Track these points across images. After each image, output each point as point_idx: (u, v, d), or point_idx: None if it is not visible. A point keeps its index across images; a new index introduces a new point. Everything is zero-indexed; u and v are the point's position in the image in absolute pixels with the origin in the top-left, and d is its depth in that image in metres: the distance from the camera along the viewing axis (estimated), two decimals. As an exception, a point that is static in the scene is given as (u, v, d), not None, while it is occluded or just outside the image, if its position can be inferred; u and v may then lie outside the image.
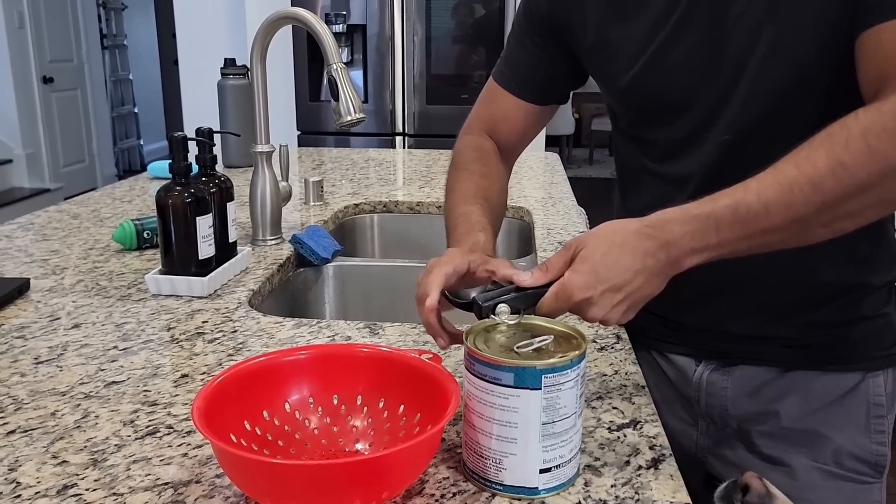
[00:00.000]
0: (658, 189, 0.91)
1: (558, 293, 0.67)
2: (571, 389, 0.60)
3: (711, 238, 0.68)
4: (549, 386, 0.59)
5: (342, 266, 1.37)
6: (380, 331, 0.96)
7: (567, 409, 0.61)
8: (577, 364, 0.61)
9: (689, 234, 0.67)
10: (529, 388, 0.59)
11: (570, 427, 0.61)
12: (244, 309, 1.04)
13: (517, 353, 0.61)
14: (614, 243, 0.67)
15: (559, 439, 0.61)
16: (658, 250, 0.67)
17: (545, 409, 0.60)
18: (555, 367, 0.59)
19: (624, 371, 0.86)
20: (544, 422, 0.60)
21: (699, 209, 0.68)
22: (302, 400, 0.70)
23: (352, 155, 2.36)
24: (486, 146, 1.00)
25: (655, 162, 0.91)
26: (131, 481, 0.64)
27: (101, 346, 0.91)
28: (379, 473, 0.56)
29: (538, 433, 0.60)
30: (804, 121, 0.76)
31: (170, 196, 1.06)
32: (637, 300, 0.68)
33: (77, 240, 1.37)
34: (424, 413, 0.67)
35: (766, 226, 0.67)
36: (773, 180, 0.67)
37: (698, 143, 0.85)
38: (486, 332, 0.65)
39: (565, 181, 1.97)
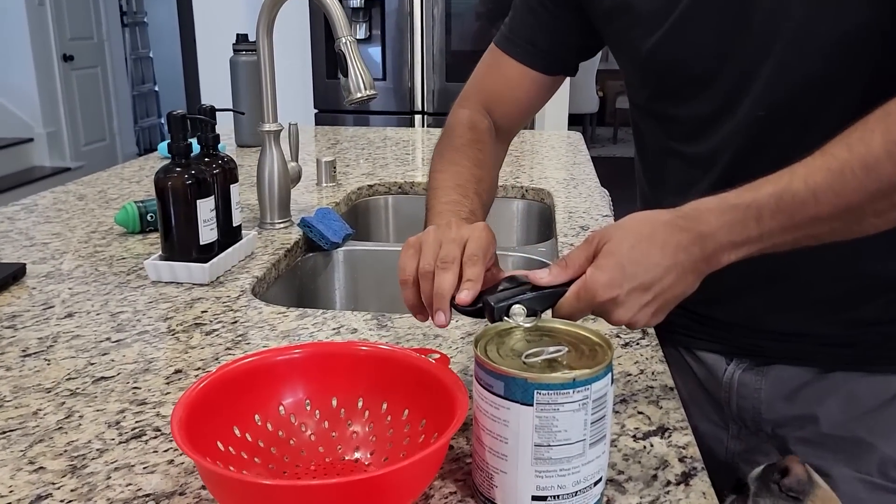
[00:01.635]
0: (682, 171, 0.83)
1: (580, 292, 0.60)
2: (575, 413, 0.52)
3: (752, 230, 0.61)
4: (544, 404, 0.51)
5: (353, 251, 1.31)
6: (388, 323, 0.90)
7: (568, 435, 0.52)
8: (585, 385, 0.51)
9: (726, 225, 0.60)
10: (520, 403, 0.52)
11: (572, 455, 0.53)
12: (246, 297, 0.99)
13: (524, 363, 0.54)
14: (642, 236, 0.60)
15: (557, 467, 0.53)
16: (692, 244, 0.60)
17: (538, 430, 0.52)
18: (550, 383, 0.51)
19: (650, 370, 0.79)
20: (537, 443, 0.52)
21: (738, 198, 0.61)
22: (298, 403, 0.64)
23: (368, 134, 2.29)
24: (483, 126, 0.91)
25: (679, 141, 0.83)
26: (110, 492, 0.59)
27: (93, 338, 0.86)
28: (378, 493, 0.51)
29: (530, 455, 0.53)
30: (848, 96, 0.68)
31: (169, 178, 1.01)
32: (668, 300, 0.61)
33: (80, 222, 1.33)
34: (430, 420, 0.61)
35: (813, 215, 0.60)
36: (823, 164, 0.60)
37: (727, 119, 0.77)
38: (500, 336, 0.58)
39: (588, 161, 1.89)
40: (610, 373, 0.53)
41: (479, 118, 0.92)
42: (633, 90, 0.89)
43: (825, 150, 0.61)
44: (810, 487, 0.65)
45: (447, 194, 0.79)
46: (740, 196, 0.61)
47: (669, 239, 0.60)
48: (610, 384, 0.53)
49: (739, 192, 0.61)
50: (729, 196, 0.61)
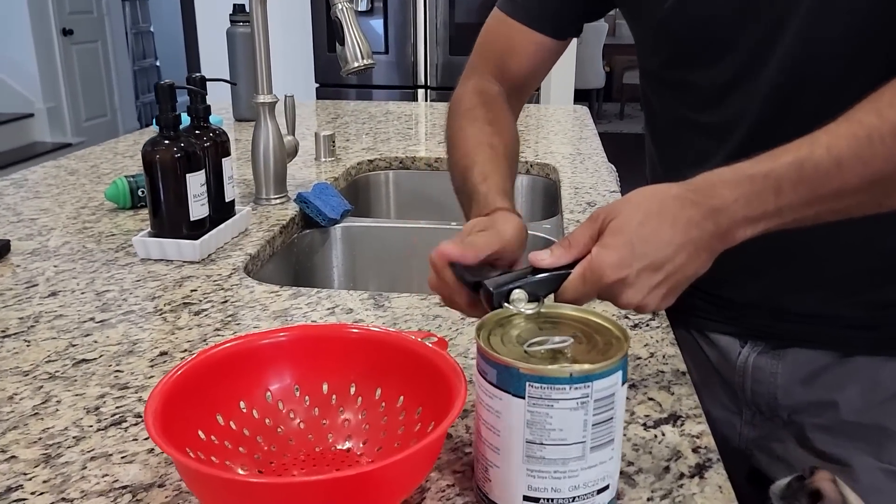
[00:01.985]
0: (696, 142, 0.79)
1: (585, 274, 0.55)
2: (573, 412, 0.47)
3: (770, 203, 0.56)
4: (536, 398, 0.47)
5: (351, 227, 1.26)
6: (385, 303, 0.86)
7: (563, 435, 0.47)
8: (585, 381, 0.46)
9: (742, 198, 0.55)
10: (511, 393, 0.47)
11: (569, 458, 0.48)
12: (238, 276, 0.94)
13: (525, 352, 0.49)
14: (651, 212, 0.55)
15: (550, 468, 0.48)
16: (704, 219, 0.55)
17: (530, 426, 0.47)
18: (543, 376, 0.46)
19: (661, 354, 0.75)
20: (528, 440, 0.48)
21: (755, 168, 0.56)
22: (286, 389, 0.60)
23: (369, 108, 2.24)
24: (492, 90, 0.86)
25: (694, 110, 0.78)
26: (85, 483, 0.55)
27: (76, 318, 0.82)
28: (370, 488, 0.47)
29: (521, 451, 0.48)
30: (876, 62, 0.63)
31: (157, 151, 0.96)
32: (679, 281, 0.56)
33: (70, 198, 1.28)
34: (427, 407, 0.57)
35: (838, 187, 0.55)
36: (848, 131, 0.55)
37: (746, 86, 0.72)
38: (507, 323, 0.53)
39: (595, 136, 1.84)
40: (620, 371, 0.48)
41: (486, 84, 0.87)
42: (644, 57, 0.83)
43: (851, 116, 0.56)
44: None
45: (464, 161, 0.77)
46: (757, 166, 0.56)
47: (680, 214, 0.55)
48: (620, 384, 0.48)
49: (756, 162, 0.56)
50: (744, 166, 0.56)
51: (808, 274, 0.77)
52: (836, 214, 0.58)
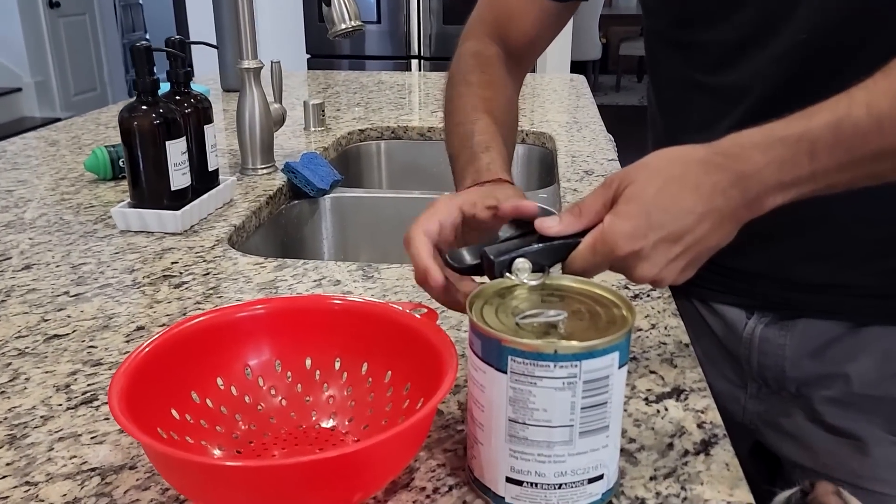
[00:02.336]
0: (706, 107, 0.74)
1: (596, 244, 0.51)
2: (558, 392, 0.42)
3: (804, 167, 0.50)
4: (518, 374, 0.43)
5: (341, 198, 1.22)
6: (374, 274, 0.83)
7: (548, 416, 0.43)
8: (571, 360, 0.42)
9: (774, 162, 0.50)
10: (494, 367, 0.44)
11: (554, 441, 0.44)
12: (222, 247, 0.91)
13: (517, 325, 0.45)
14: (672, 177, 0.51)
15: (534, 450, 0.44)
16: (731, 186, 0.50)
17: (512, 403, 0.44)
18: (525, 351, 0.42)
19: (663, 325, 0.71)
20: (511, 418, 0.44)
21: (788, 129, 0.51)
22: (266, 364, 0.56)
23: (361, 78, 2.18)
24: (489, 52, 0.82)
25: (704, 72, 0.74)
26: (51, 465, 0.52)
27: (49, 292, 0.78)
28: (354, 470, 0.43)
29: (504, 429, 0.45)
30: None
31: (134, 117, 0.92)
32: (700, 253, 0.52)
33: (49, 169, 1.24)
34: (416, 383, 0.53)
35: (877, 149, 0.50)
36: (889, 86, 0.50)
37: (762, 44, 0.67)
38: (501, 296, 0.49)
39: (592, 105, 1.79)
40: (616, 352, 0.43)
41: (483, 47, 0.82)
42: (651, 15, 0.79)
43: (891, 71, 0.51)
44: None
45: (457, 129, 0.74)
46: (790, 127, 0.51)
47: (704, 180, 0.50)
48: (616, 366, 0.44)
49: (788, 123, 0.51)
50: (776, 127, 0.51)
51: (820, 242, 0.73)
52: (870, 179, 0.53)
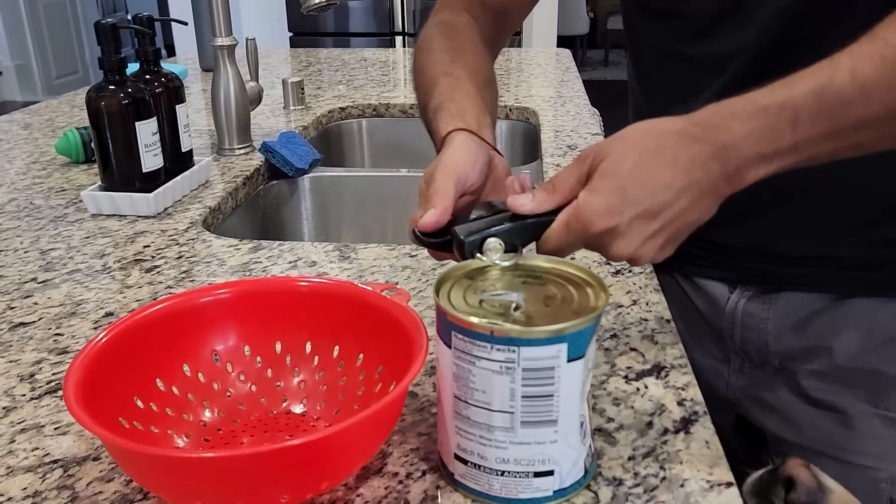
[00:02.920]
0: (687, 77, 0.72)
1: (570, 222, 0.49)
2: (495, 375, 0.41)
3: (786, 138, 0.48)
4: (460, 351, 0.41)
5: (321, 177, 1.20)
6: (351, 254, 0.81)
7: (487, 398, 0.42)
8: (508, 345, 0.40)
9: (755, 133, 0.48)
10: (444, 342, 0.43)
11: (494, 425, 0.42)
12: (196, 230, 0.88)
13: (480, 302, 0.43)
14: (648, 150, 0.49)
15: (475, 430, 0.43)
16: (710, 159, 0.48)
17: (456, 379, 0.42)
18: (464, 328, 0.40)
19: (644, 301, 0.70)
20: (455, 394, 0.43)
21: (769, 98, 0.49)
22: (234, 349, 0.55)
23: (343, 55, 2.14)
24: (457, 21, 0.78)
25: (684, 42, 0.72)
26: (12, 458, 0.50)
27: (16, 279, 0.76)
28: (320, 457, 0.42)
29: (451, 405, 0.44)
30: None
31: (102, 97, 0.89)
32: (679, 229, 0.50)
33: (21, 152, 1.21)
34: (388, 366, 0.52)
35: (861, 117, 0.48)
36: (874, 52, 0.48)
37: (744, 11, 0.66)
38: (476, 275, 0.47)
39: (577, 79, 1.77)
40: (564, 344, 0.40)
41: (450, 17, 0.79)
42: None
43: (876, 35, 0.49)
44: (823, 495, 0.52)
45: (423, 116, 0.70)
46: (771, 95, 0.49)
47: (682, 153, 0.48)
48: (564, 360, 0.41)
49: (770, 91, 0.49)
50: (757, 96, 0.49)
51: (803, 214, 0.72)
52: (854, 150, 0.51)
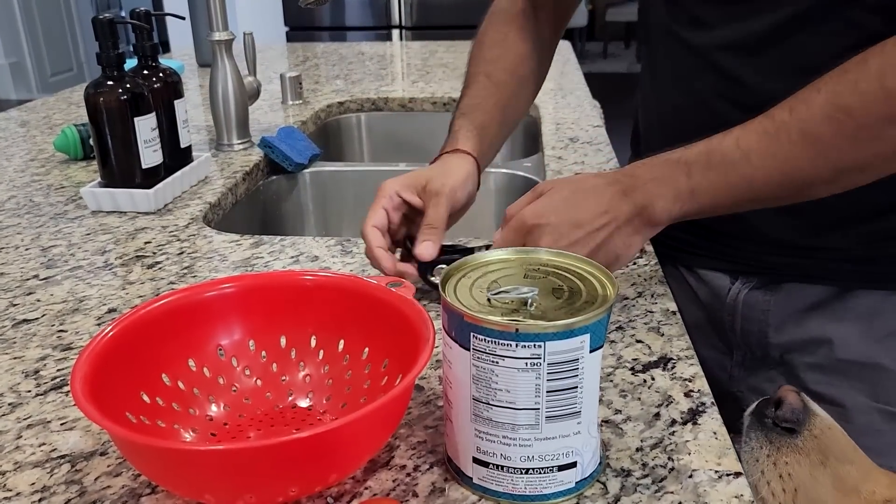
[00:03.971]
0: (686, 61, 0.72)
1: (511, 222, 0.62)
2: (521, 372, 0.40)
3: (682, 184, 0.60)
4: (480, 352, 0.41)
5: (321, 172, 1.20)
6: (353, 248, 0.81)
7: (511, 397, 0.41)
8: (534, 340, 0.39)
9: (656, 179, 0.61)
10: (459, 344, 0.42)
11: (519, 424, 0.42)
12: (196, 226, 0.88)
13: (489, 300, 0.43)
14: (580, 188, 0.62)
15: (499, 432, 0.43)
16: (623, 195, 0.61)
17: (476, 381, 0.42)
18: (487, 328, 0.40)
19: (650, 293, 0.70)
20: (475, 396, 0.42)
21: (670, 154, 0.62)
22: (240, 344, 0.54)
23: (340, 50, 2.14)
24: (514, 8, 0.84)
25: (683, 27, 0.72)
26: (19, 454, 0.50)
27: (18, 276, 0.76)
28: (328, 450, 0.42)
29: (469, 408, 0.43)
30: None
31: (100, 93, 0.89)
32: (603, 245, 0.60)
33: (19, 150, 1.20)
34: (394, 359, 0.51)
35: (748, 176, 0.59)
36: (759, 126, 0.59)
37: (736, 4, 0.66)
38: (479, 270, 0.47)
39: (577, 71, 1.76)
40: (587, 335, 0.41)
41: (510, 4, 0.85)
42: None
43: (769, 112, 0.59)
44: (805, 416, 0.57)
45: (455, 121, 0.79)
46: (673, 153, 0.62)
47: (605, 191, 0.61)
48: (588, 349, 0.41)
49: (673, 151, 0.62)
50: (663, 154, 0.62)
51: (802, 205, 0.71)
52: (760, 203, 0.62)
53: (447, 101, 1.50)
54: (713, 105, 0.70)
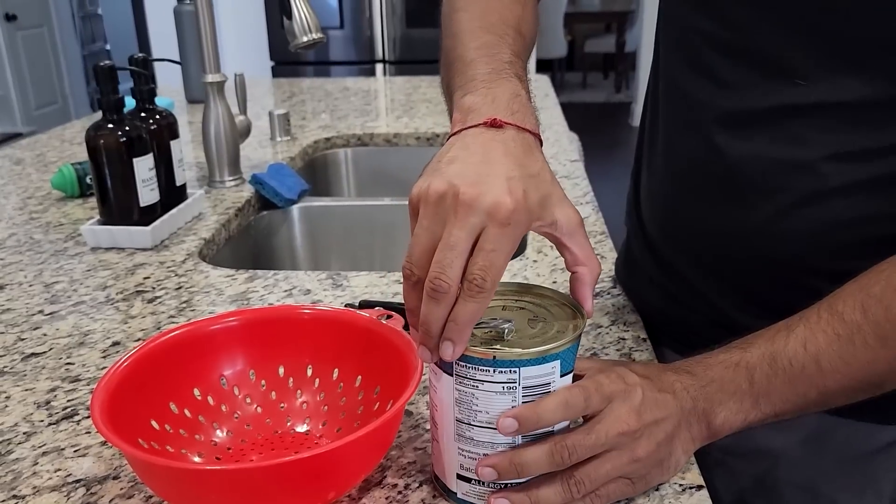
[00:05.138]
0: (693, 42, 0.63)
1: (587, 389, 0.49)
2: (499, 395, 0.45)
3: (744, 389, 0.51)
4: (462, 377, 0.45)
5: (310, 207, 1.24)
6: (344, 282, 0.85)
7: (490, 418, 0.46)
8: (510, 366, 0.44)
9: (714, 382, 0.52)
10: (443, 370, 0.47)
11: (497, 442, 0.46)
12: (193, 261, 0.92)
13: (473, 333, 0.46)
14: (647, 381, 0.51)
15: (479, 450, 0.47)
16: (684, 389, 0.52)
17: (458, 404, 0.46)
18: (468, 356, 0.45)
19: (622, 321, 0.75)
20: (458, 418, 0.47)
21: (727, 356, 0.53)
22: (241, 374, 0.59)
23: (326, 85, 2.20)
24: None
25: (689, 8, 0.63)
26: (37, 479, 0.54)
27: (24, 312, 0.80)
28: (326, 469, 0.46)
29: (452, 429, 0.48)
30: None
31: (101, 135, 0.93)
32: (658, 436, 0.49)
33: (16, 188, 1.24)
34: (385, 386, 0.56)
35: (818, 382, 0.51)
36: (829, 327, 0.51)
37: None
38: None
39: (556, 105, 1.83)
40: (557, 361, 0.45)
41: None
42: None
43: (835, 307, 0.51)
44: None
45: (476, 37, 0.59)
46: (729, 353, 0.53)
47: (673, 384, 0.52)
48: (558, 374, 0.45)
49: (728, 349, 0.53)
50: (716, 353, 0.53)
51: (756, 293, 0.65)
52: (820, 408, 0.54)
53: (430, 136, 1.56)
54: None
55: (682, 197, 0.67)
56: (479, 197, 0.43)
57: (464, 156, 0.47)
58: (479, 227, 0.43)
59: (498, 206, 0.43)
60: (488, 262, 0.43)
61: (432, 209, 0.45)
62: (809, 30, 0.55)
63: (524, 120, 0.51)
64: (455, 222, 0.43)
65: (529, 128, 0.51)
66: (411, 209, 0.47)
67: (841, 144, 0.56)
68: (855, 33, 0.53)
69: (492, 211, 0.43)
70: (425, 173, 0.48)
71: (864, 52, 0.53)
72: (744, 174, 0.60)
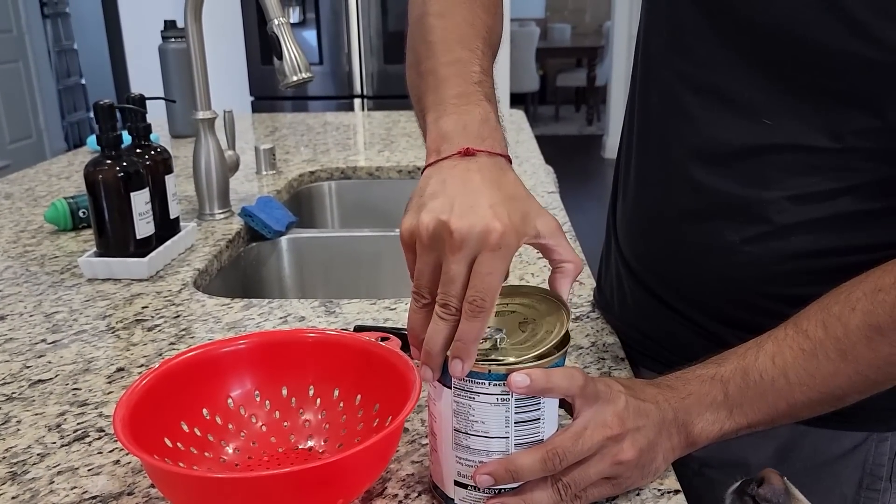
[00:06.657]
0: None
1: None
2: (493, 406, 0.49)
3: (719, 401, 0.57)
4: (460, 389, 0.50)
5: (298, 238, 1.28)
6: (336, 309, 0.89)
7: (485, 427, 0.50)
8: (503, 379, 0.48)
9: (692, 395, 0.57)
10: (443, 383, 0.51)
11: (492, 450, 0.50)
12: (188, 291, 0.96)
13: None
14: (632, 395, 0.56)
15: (475, 458, 0.51)
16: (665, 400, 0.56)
17: (456, 415, 0.51)
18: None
19: (601, 342, 0.80)
20: (456, 427, 0.51)
21: (702, 370, 0.58)
22: (247, 394, 0.62)
23: (307, 120, 2.25)
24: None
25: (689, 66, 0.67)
26: (54, 496, 0.57)
27: (27, 341, 0.82)
28: (332, 479, 0.50)
29: (451, 438, 0.52)
30: None
31: (99, 171, 0.97)
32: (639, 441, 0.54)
33: (8, 222, 1.27)
34: (383, 404, 0.60)
35: (785, 393, 0.56)
36: (794, 342, 0.56)
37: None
38: None
39: (532, 139, 1.90)
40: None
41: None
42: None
43: (800, 325, 0.56)
44: (786, 499, 0.60)
45: (449, 50, 0.61)
46: (705, 368, 0.58)
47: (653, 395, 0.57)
48: None
49: (704, 365, 0.58)
50: (692, 369, 0.58)
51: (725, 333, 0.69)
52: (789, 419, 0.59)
53: (412, 168, 1.62)
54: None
55: (655, 225, 0.73)
56: (469, 228, 0.48)
57: (444, 189, 0.51)
58: (473, 256, 0.48)
59: (488, 233, 0.48)
60: (486, 284, 0.48)
61: (427, 245, 0.49)
62: (776, 75, 0.61)
63: (494, 144, 0.54)
64: (452, 259, 0.48)
65: (500, 151, 0.54)
66: (404, 245, 0.52)
67: (801, 186, 0.61)
68: (819, 82, 0.59)
69: (483, 239, 0.48)
70: (410, 209, 0.51)
71: (826, 102, 0.59)
72: (713, 206, 0.65)
